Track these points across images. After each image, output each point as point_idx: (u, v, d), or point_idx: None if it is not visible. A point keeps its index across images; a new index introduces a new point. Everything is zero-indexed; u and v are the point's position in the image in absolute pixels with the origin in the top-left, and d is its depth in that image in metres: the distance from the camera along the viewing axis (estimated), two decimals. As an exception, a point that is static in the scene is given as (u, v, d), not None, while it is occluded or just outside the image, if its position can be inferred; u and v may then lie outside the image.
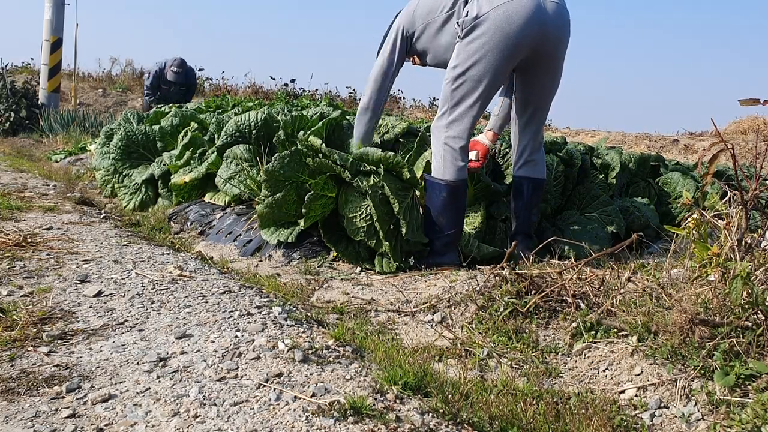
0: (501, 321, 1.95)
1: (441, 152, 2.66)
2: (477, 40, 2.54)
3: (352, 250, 2.87)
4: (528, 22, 2.51)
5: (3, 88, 9.64)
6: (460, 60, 2.58)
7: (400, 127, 3.62)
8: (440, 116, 2.68)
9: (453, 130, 2.63)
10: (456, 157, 2.64)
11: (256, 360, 1.50)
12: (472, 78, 2.57)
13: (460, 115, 2.62)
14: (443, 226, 2.71)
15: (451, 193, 2.67)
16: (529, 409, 1.44)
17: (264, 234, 2.95)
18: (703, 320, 1.59)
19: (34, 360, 1.47)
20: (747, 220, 1.75)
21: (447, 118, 2.65)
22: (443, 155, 2.65)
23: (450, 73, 2.62)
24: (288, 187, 2.88)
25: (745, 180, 2.23)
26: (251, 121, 3.75)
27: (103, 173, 4.67)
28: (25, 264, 2.17)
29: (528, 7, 2.51)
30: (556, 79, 2.78)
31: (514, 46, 2.53)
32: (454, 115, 2.63)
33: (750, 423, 1.34)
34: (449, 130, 2.64)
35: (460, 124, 2.63)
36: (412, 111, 13.61)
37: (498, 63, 2.55)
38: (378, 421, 1.25)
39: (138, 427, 1.20)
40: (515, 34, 2.51)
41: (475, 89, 2.59)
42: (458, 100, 2.61)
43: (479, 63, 2.55)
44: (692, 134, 11.46)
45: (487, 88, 2.59)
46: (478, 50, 2.54)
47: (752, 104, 1.70)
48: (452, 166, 2.64)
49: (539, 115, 2.85)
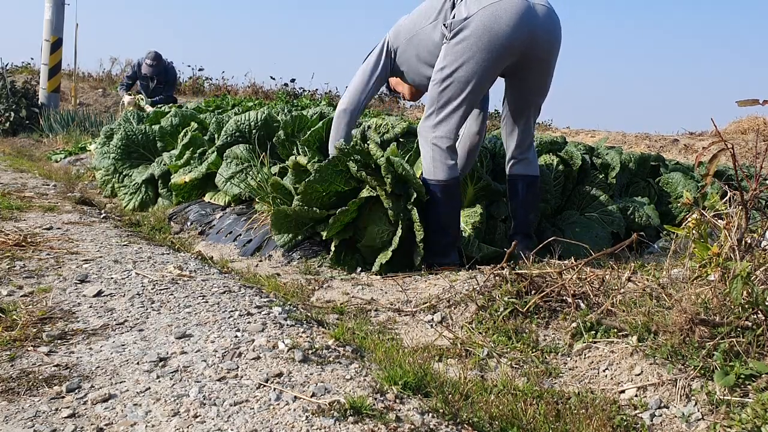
0: (501, 321, 1.95)
1: (430, 153, 2.66)
2: (464, 41, 2.53)
3: (354, 258, 2.84)
4: (517, 24, 2.50)
5: (3, 88, 9.64)
6: (448, 61, 2.58)
7: (400, 127, 3.62)
8: (427, 117, 2.68)
9: (440, 130, 2.64)
10: (445, 157, 2.65)
11: (256, 360, 1.50)
12: (459, 79, 2.57)
13: (446, 116, 2.62)
14: (441, 226, 2.71)
15: (445, 192, 2.67)
16: (529, 409, 1.44)
17: (277, 238, 2.94)
18: (703, 320, 1.59)
19: (34, 360, 1.47)
20: (747, 220, 1.75)
21: (434, 119, 2.65)
22: (432, 156, 2.65)
23: (437, 74, 2.62)
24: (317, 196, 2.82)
25: (745, 180, 2.23)
26: (251, 121, 3.75)
27: (103, 173, 4.68)
28: (25, 264, 2.17)
29: (517, 8, 2.50)
30: (548, 82, 2.79)
31: (502, 47, 2.52)
32: (441, 116, 2.63)
33: (750, 423, 1.34)
34: (436, 131, 2.64)
35: (447, 125, 2.63)
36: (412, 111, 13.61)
37: (486, 64, 2.54)
38: (378, 421, 1.25)
39: (138, 427, 1.20)
40: (503, 35, 2.50)
41: (462, 90, 2.58)
42: (445, 101, 2.61)
43: (466, 64, 2.54)
44: (692, 134, 11.46)
45: (474, 89, 2.59)
46: (465, 51, 2.53)
47: (751, 104, 1.70)
48: (442, 165, 2.65)
49: (529, 116, 2.85)
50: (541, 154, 3.58)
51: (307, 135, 3.51)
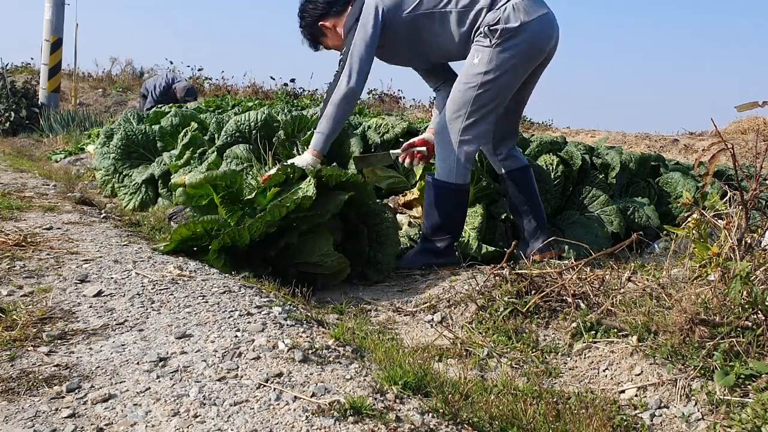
0: (501, 321, 1.95)
1: (453, 155, 2.63)
2: (513, 49, 2.55)
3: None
4: (549, 36, 2.61)
5: (3, 88, 9.64)
6: (492, 66, 2.56)
7: (400, 127, 3.62)
8: (455, 119, 2.62)
9: (469, 134, 2.63)
10: (468, 162, 2.66)
11: (256, 360, 1.50)
12: (500, 85, 2.58)
13: (478, 121, 2.62)
14: (445, 228, 2.71)
15: (459, 196, 2.69)
16: (529, 409, 1.44)
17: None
18: (703, 320, 1.59)
19: (34, 360, 1.47)
20: (747, 220, 1.75)
21: (463, 122, 2.61)
22: (456, 158, 2.63)
23: (477, 77, 2.57)
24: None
25: (745, 180, 2.23)
26: (251, 121, 3.75)
27: (103, 173, 4.67)
28: (25, 264, 2.17)
29: (550, 22, 2.61)
30: (536, 83, 2.88)
31: (537, 57, 2.62)
32: (472, 119, 2.61)
33: (750, 423, 1.34)
34: (465, 134, 2.62)
35: (477, 129, 2.63)
36: (412, 111, 13.61)
37: (522, 72, 2.63)
38: (378, 421, 1.25)
39: (138, 427, 1.20)
40: (542, 47, 2.60)
41: (497, 96, 2.61)
42: (480, 105, 2.60)
43: (509, 72, 2.57)
44: (692, 134, 11.46)
45: (507, 95, 2.64)
46: (511, 60, 2.56)
47: (750, 108, 1.70)
48: (464, 170, 2.66)
49: (520, 113, 2.98)
50: (541, 154, 3.59)
51: (307, 135, 3.51)
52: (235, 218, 2.42)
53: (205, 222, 2.33)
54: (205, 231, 2.37)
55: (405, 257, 2.82)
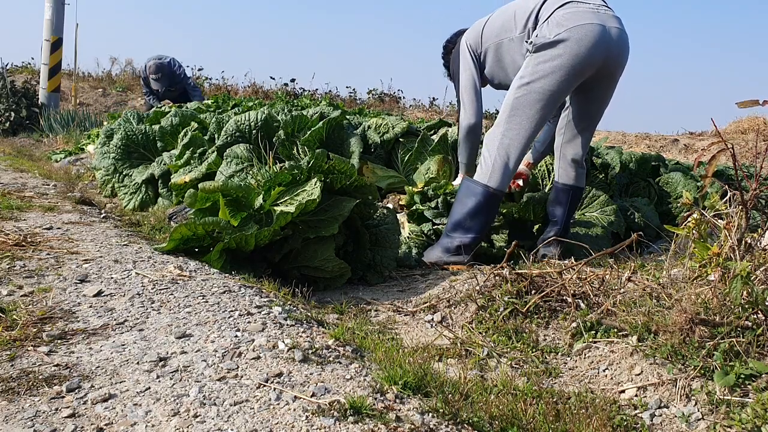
0: (501, 321, 1.95)
1: (493, 158, 2.69)
2: (549, 56, 2.59)
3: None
4: (596, 47, 2.59)
5: (3, 88, 9.64)
6: (528, 71, 2.63)
7: (400, 127, 3.62)
8: (497, 125, 2.72)
9: (509, 138, 2.67)
10: (508, 167, 2.68)
11: (256, 360, 1.50)
12: (536, 90, 2.61)
13: (518, 126, 2.66)
14: (468, 229, 2.72)
15: (490, 200, 2.71)
16: (529, 409, 1.44)
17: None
18: (703, 320, 1.59)
19: (34, 360, 1.47)
20: (747, 220, 1.75)
21: (504, 126, 2.68)
22: (495, 161, 2.68)
23: (516, 82, 2.67)
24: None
25: (745, 180, 2.23)
26: (251, 121, 3.75)
27: (103, 173, 4.67)
28: (25, 264, 2.17)
29: (597, 33, 2.59)
30: (610, 97, 2.89)
31: (581, 67, 2.61)
32: (512, 124, 2.66)
33: (750, 423, 1.34)
34: (505, 139, 2.67)
35: (517, 135, 2.66)
36: (412, 111, 13.60)
37: (563, 82, 2.62)
38: (378, 420, 1.25)
39: (138, 426, 1.20)
40: (583, 57, 2.59)
41: (537, 102, 2.63)
42: (519, 110, 2.65)
43: (546, 78, 2.60)
44: (692, 134, 11.46)
45: (548, 103, 2.64)
46: (547, 68, 2.59)
47: (751, 105, 1.70)
48: (502, 175, 2.69)
49: (593, 127, 2.95)
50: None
51: (308, 135, 3.51)
52: (238, 219, 2.42)
53: (206, 223, 2.34)
54: (206, 232, 2.37)
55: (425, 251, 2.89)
